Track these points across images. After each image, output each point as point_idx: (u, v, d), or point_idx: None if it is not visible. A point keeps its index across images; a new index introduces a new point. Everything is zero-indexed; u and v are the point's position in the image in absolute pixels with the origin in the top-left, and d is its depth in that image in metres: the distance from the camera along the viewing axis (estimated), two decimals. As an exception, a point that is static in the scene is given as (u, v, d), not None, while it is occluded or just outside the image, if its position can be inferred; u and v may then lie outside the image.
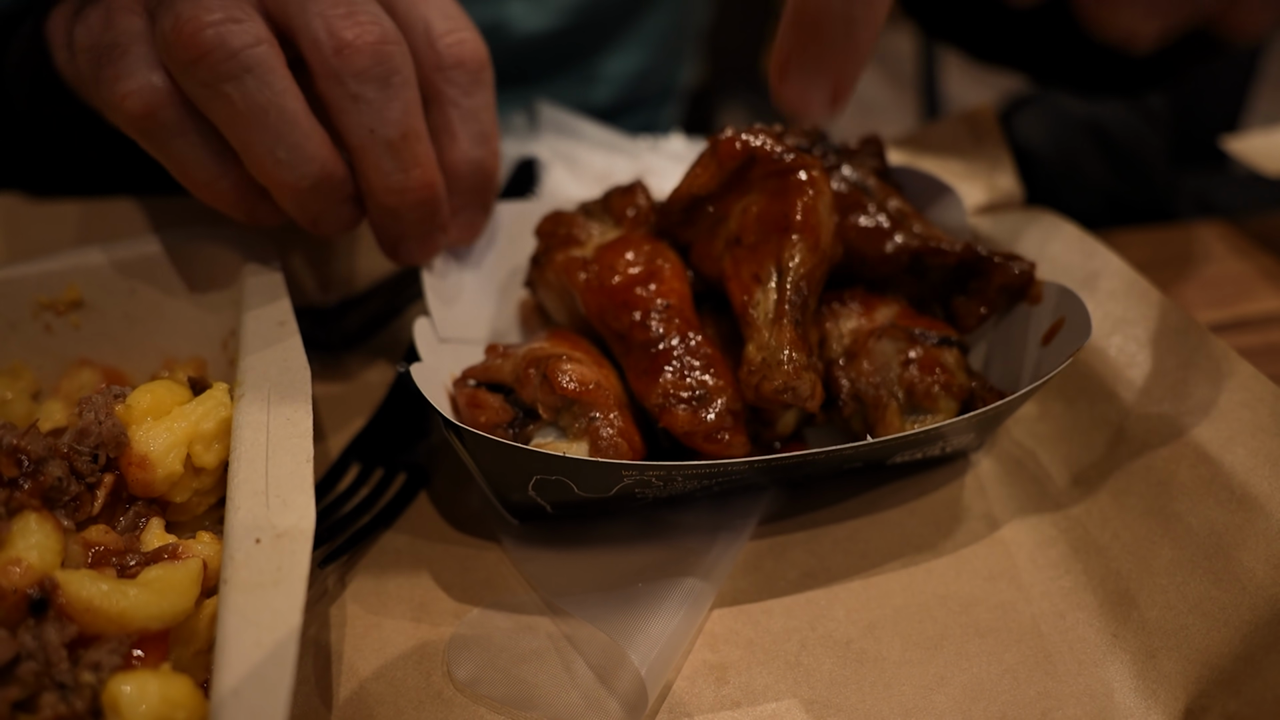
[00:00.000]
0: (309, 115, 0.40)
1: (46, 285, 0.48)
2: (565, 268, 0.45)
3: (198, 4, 0.39)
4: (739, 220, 0.44)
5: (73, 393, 0.47)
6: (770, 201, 0.42)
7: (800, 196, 0.41)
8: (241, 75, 0.38)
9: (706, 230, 0.46)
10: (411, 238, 0.46)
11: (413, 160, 0.42)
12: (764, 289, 0.42)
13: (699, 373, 0.41)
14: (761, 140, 0.43)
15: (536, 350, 0.41)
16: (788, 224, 0.41)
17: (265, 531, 0.32)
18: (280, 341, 0.42)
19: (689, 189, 0.46)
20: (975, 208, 0.62)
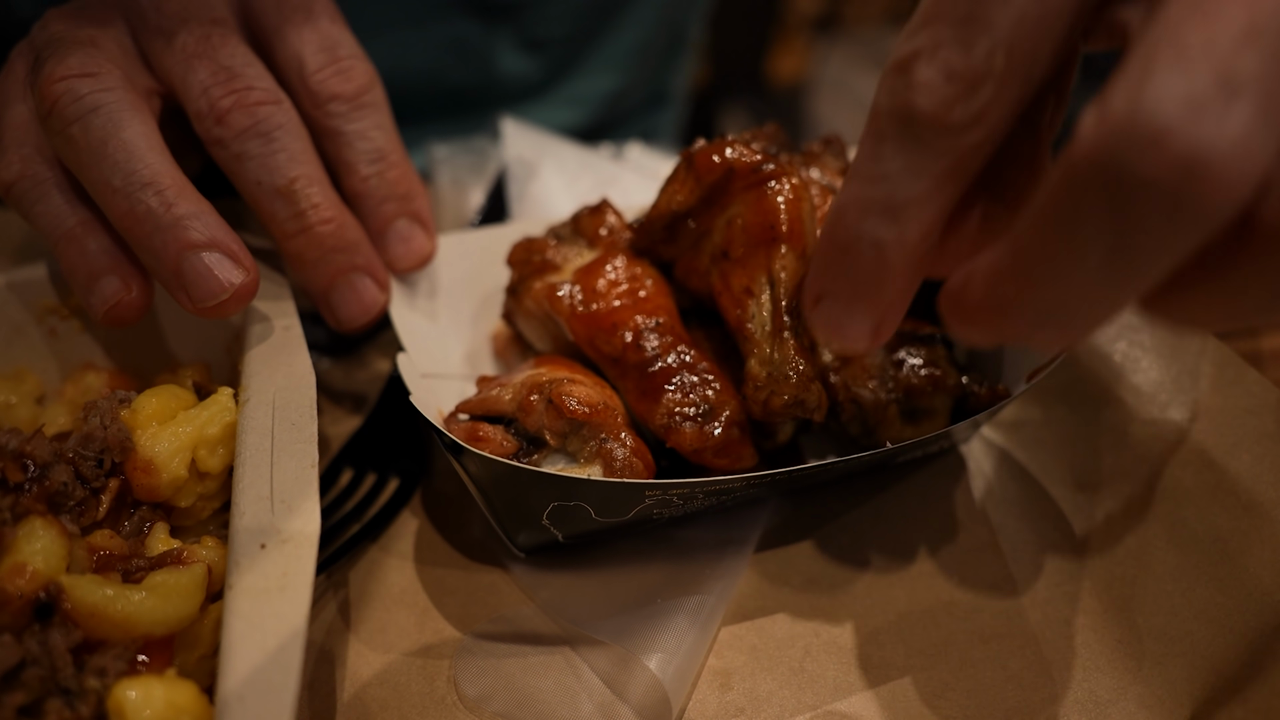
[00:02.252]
0: (156, 149, 0.39)
1: (51, 289, 0.48)
2: (546, 295, 0.45)
3: (60, 61, 0.40)
4: (723, 234, 0.43)
5: (77, 397, 0.47)
6: (754, 213, 0.42)
7: (784, 206, 0.41)
8: (86, 115, 0.39)
9: (690, 246, 0.46)
10: (335, 288, 0.45)
11: (306, 203, 0.42)
12: (757, 302, 0.42)
13: (700, 388, 0.41)
14: (738, 152, 0.42)
15: (537, 376, 0.41)
16: (775, 235, 0.41)
17: (270, 536, 0.32)
18: (285, 346, 0.42)
19: (668, 206, 0.45)
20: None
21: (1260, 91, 0.19)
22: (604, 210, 0.50)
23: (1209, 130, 0.19)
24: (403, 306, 0.48)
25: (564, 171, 0.63)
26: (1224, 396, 0.43)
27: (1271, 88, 0.19)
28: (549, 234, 0.51)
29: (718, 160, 0.43)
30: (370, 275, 0.46)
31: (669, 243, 0.47)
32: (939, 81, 0.24)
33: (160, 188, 0.38)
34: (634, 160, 0.68)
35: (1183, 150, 0.19)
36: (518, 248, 0.50)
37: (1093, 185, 0.20)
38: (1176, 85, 0.19)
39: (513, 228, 0.56)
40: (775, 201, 0.41)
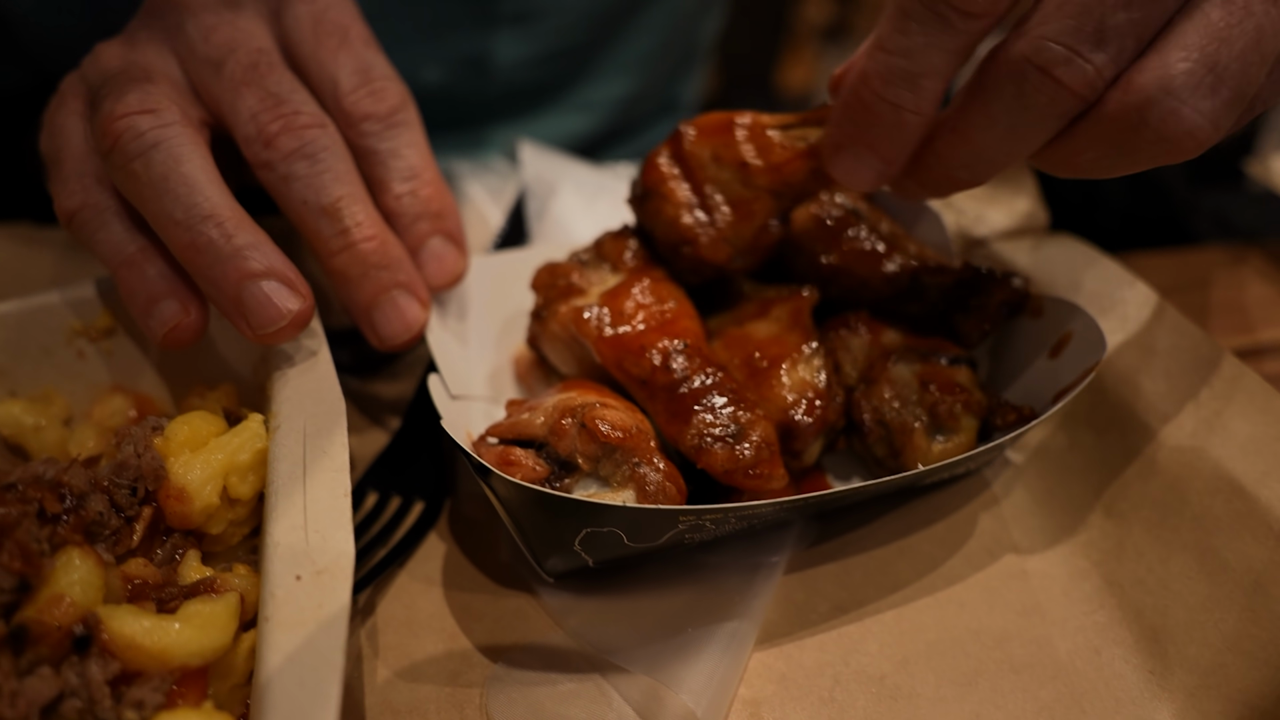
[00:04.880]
0: (215, 183, 0.41)
1: (79, 311, 0.48)
2: (573, 319, 0.45)
3: (119, 98, 0.41)
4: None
5: (104, 419, 0.48)
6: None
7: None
8: (148, 151, 0.40)
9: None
10: (378, 305, 0.45)
11: (350, 220, 0.44)
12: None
13: (730, 409, 0.41)
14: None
15: (568, 400, 0.41)
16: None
17: (305, 568, 0.32)
18: (314, 371, 0.42)
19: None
20: (999, 232, 0.62)
21: (1121, 39, 0.32)
22: (627, 234, 0.50)
23: (1078, 66, 0.32)
24: (436, 327, 0.49)
25: (582, 193, 0.63)
26: (1253, 424, 0.43)
27: (1133, 33, 0.32)
28: (572, 258, 0.51)
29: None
30: (412, 293, 0.46)
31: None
32: None
33: (220, 220, 0.40)
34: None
35: (1061, 75, 0.32)
36: (542, 272, 0.50)
37: (1008, 80, 0.33)
38: (1063, 31, 0.32)
39: (534, 251, 0.56)
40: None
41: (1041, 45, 0.32)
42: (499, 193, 0.66)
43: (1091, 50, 0.32)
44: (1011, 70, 0.33)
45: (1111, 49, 0.32)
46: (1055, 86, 0.32)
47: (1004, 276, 0.48)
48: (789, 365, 0.45)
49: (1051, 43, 0.32)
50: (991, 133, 0.34)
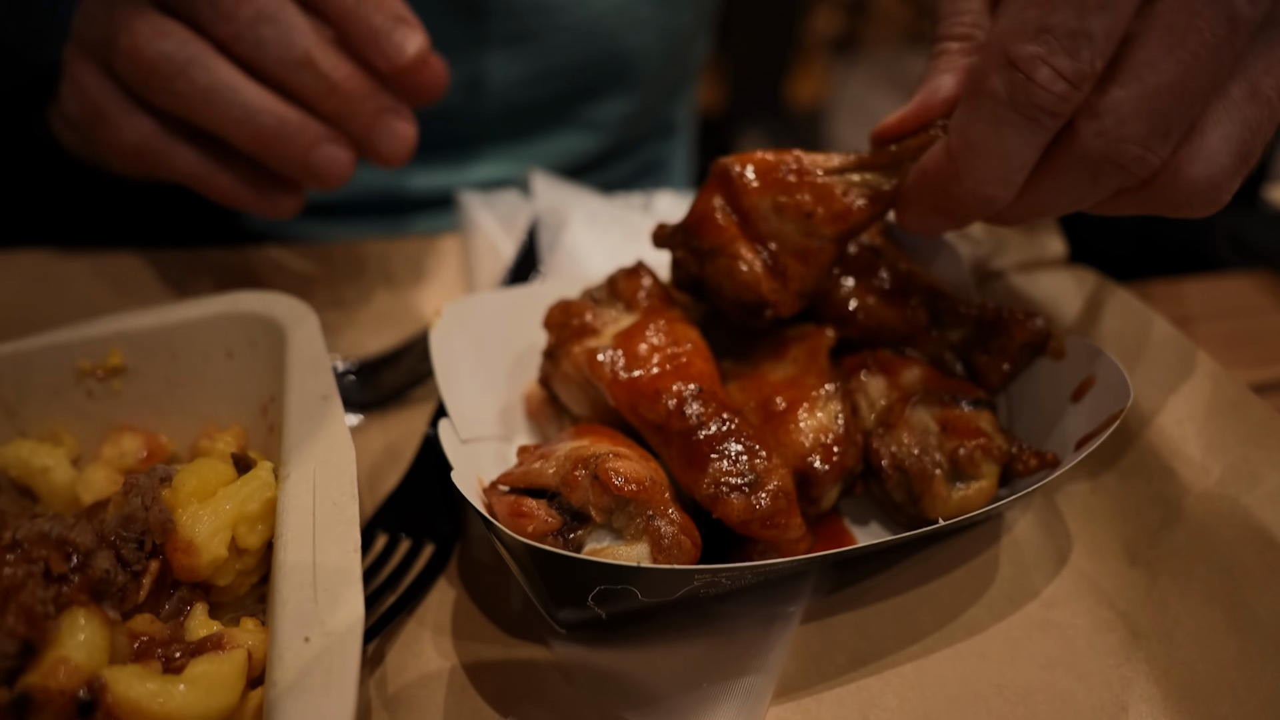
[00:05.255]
0: (249, 81, 0.49)
1: (89, 351, 0.48)
2: (586, 361, 0.45)
3: (131, 33, 0.48)
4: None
5: (113, 459, 0.47)
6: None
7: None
8: (185, 69, 0.48)
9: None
10: (374, 132, 0.51)
11: (327, 65, 0.49)
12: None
13: (746, 457, 0.40)
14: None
15: (581, 450, 0.40)
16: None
17: (314, 629, 0.32)
18: (324, 418, 0.41)
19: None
20: (1016, 264, 0.61)
21: (1180, 132, 0.36)
22: (640, 272, 0.50)
23: (1149, 161, 0.36)
24: (446, 363, 0.48)
25: (594, 225, 0.62)
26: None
27: (1188, 124, 0.36)
28: (585, 296, 0.50)
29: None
30: (398, 115, 0.52)
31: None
32: (1056, 80, 0.35)
33: (270, 109, 0.49)
34: (663, 211, 0.68)
35: (1133, 168, 0.37)
36: (555, 310, 0.49)
37: (1085, 167, 0.37)
38: (1140, 134, 0.36)
39: (546, 286, 0.55)
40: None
41: (1122, 148, 0.36)
42: (510, 222, 0.66)
43: (1160, 146, 0.36)
44: (1091, 161, 0.37)
45: (1172, 140, 0.36)
46: (1126, 175, 0.37)
47: (1026, 317, 0.47)
48: (806, 409, 0.44)
49: (1131, 145, 0.36)
50: (1057, 199, 0.39)
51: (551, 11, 0.77)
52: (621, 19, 0.81)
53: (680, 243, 0.47)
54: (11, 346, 0.47)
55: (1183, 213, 0.39)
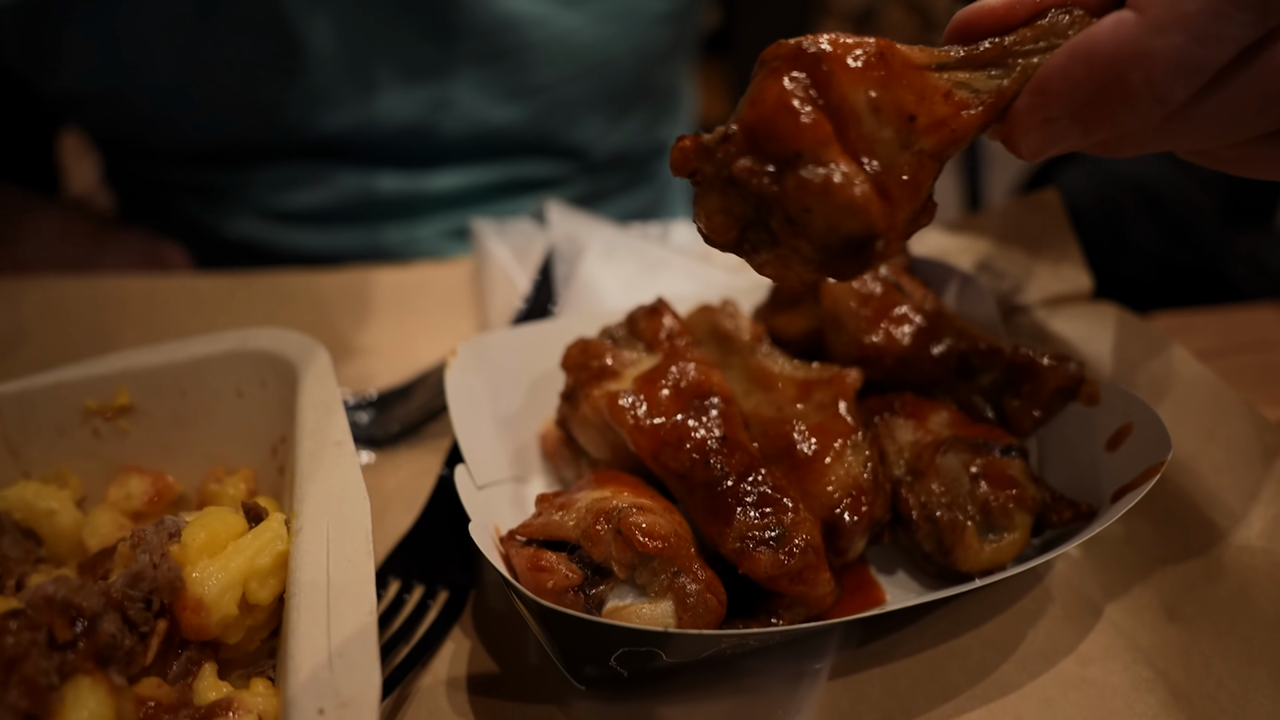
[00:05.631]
0: None
1: (96, 390, 0.46)
2: (607, 405, 0.43)
3: None
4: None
5: (120, 501, 0.46)
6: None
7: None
8: None
9: None
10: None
11: None
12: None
13: (773, 510, 0.39)
14: None
15: (602, 502, 0.39)
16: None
17: (328, 699, 0.30)
18: (338, 466, 0.40)
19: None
20: (1042, 300, 0.60)
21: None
22: (661, 312, 0.49)
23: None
24: (462, 406, 0.47)
25: (611, 257, 0.61)
26: (1327, 524, 0.41)
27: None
28: (604, 335, 0.49)
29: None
30: None
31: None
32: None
33: None
34: (680, 242, 0.67)
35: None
36: (573, 350, 0.48)
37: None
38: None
39: (561, 323, 0.54)
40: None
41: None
42: (525, 252, 0.64)
43: None
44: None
45: None
46: None
47: (1058, 362, 0.46)
48: (833, 457, 0.43)
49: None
50: (1218, 126, 0.32)
51: (521, 29, 0.77)
52: (591, 36, 0.81)
53: (735, 154, 0.32)
54: (17, 385, 0.46)
55: None
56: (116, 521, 0.44)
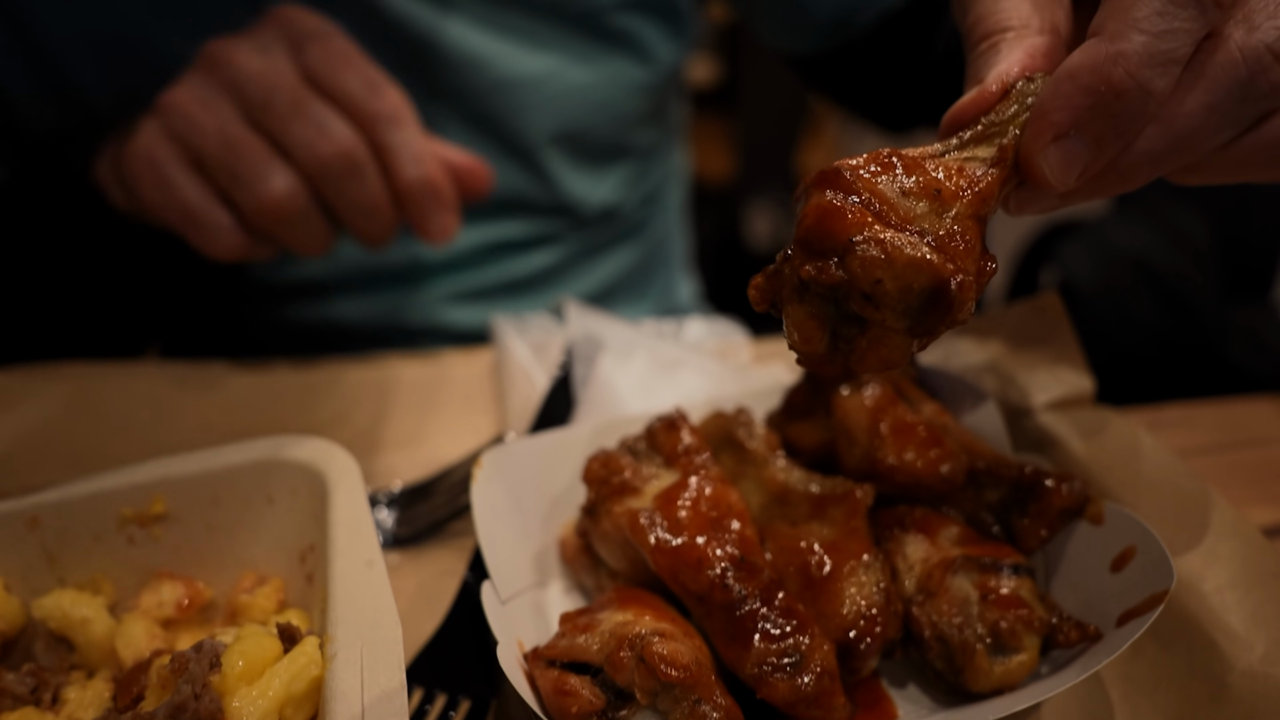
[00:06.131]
0: (328, 224, 0.61)
1: (132, 498, 0.48)
2: (628, 523, 0.45)
3: (265, 182, 0.57)
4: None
5: (152, 608, 0.47)
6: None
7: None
8: (302, 220, 0.60)
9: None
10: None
11: (388, 220, 0.61)
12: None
13: (790, 635, 0.41)
14: None
15: (625, 627, 0.40)
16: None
17: (365, 841, 0.31)
18: (370, 587, 0.41)
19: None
20: (1046, 404, 0.61)
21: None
22: (679, 426, 0.50)
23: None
24: (487, 518, 0.48)
25: (628, 357, 0.63)
26: (1328, 651, 0.42)
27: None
28: (623, 448, 0.51)
29: None
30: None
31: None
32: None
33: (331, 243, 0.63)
34: (695, 337, 0.69)
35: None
36: (594, 464, 0.50)
37: (1241, 66, 0.36)
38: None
39: (582, 431, 0.56)
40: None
41: (1272, 47, 0.35)
42: (543, 349, 0.66)
43: None
44: (1248, 56, 0.35)
45: None
46: (1275, 77, 0.35)
47: (1063, 481, 0.47)
48: (846, 578, 0.44)
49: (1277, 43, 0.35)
50: (1203, 121, 0.36)
51: (513, 91, 0.81)
52: (580, 99, 0.85)
53: (800, 264, 0.36)
54: (57, 494, 0.47)
55: None
56: (149, 631, 0.46)
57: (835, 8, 0.88)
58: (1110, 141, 0.37)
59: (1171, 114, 0.36)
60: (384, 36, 0.78)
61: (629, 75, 0.87)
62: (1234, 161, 0.39)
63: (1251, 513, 0.64)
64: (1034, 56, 0.40)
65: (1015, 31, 0.41)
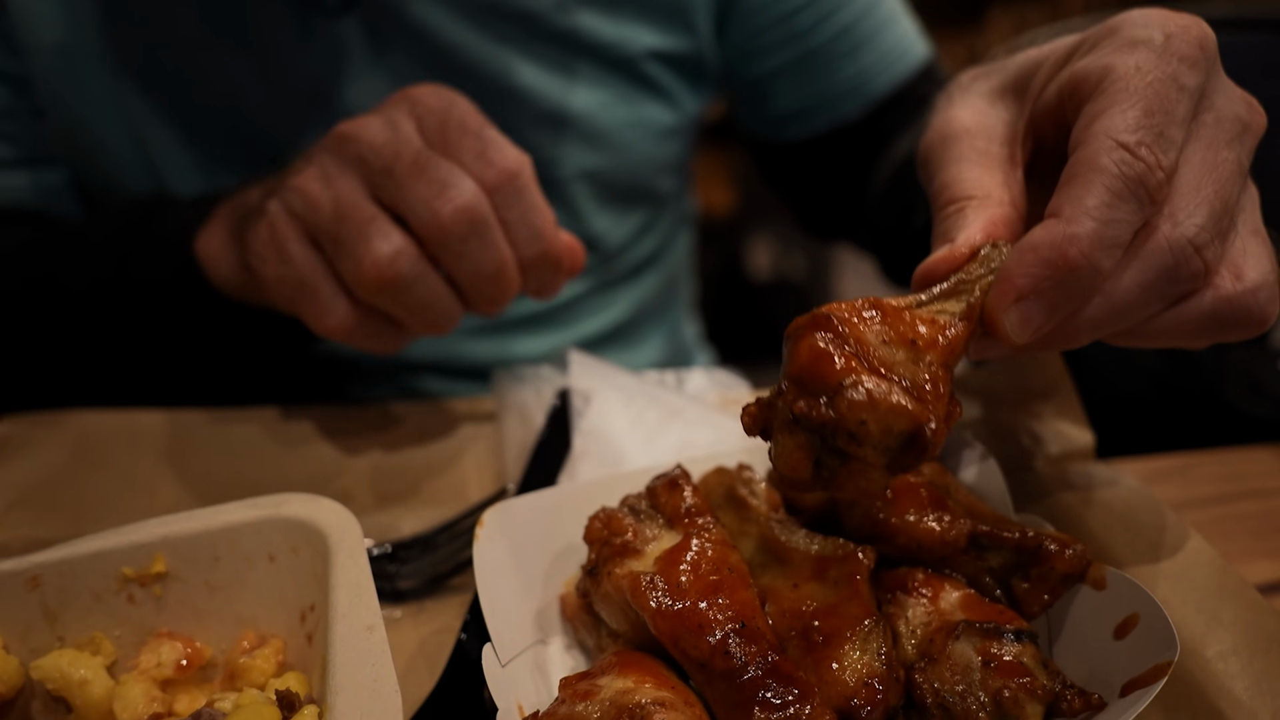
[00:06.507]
0: (450, 291, 0.58)
1: (133, 558, 0.48)
2: (629, 586, 0.45)
3: (372, 250, 0.55)
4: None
5: (151, 669, 0.47)
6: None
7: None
8: (412, 286, 0.56)
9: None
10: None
11: (508, 282, 0.59)
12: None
13: (791, 704, 0.40)
14: None
15: (624, 696, 0.40)
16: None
17: None
18: (369, 654, 0.41)
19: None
20: (1047, 459, 0.62)
21: (1231, 231, 0.45)
22: (681, 486, 0.50)
23: (1215, 249, 0.44)
24: (489, 578, 0.48)
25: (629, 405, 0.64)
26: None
27: (1233, 227, 0.45)
28: (625, 507, 0.51)
29: None
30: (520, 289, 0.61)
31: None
32: (1157, 167, 0.41)
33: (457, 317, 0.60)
34: (696, 387, 0.69)
35: (1206, 255, 0.43)
36: (595, 524, 0.50)
37: (1168, 254, 0.43)
38: (1205, 224, 0.43)
39: (583, 487, 0.56)
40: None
41: (1194, 237, 0.42)
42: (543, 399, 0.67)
43: (1218, 243, 0.43)
44: (1170, 250, 0.42)
45: (1225, 240, 0.43)
46: (1196, 264, 0.42)
47: (1065, 546, 0.47)
48: (848, 643, 0.44)
49: (1201, 233, 0.42)
50: (1138, 296, 0.43)
51: (554, 126, 0.84)
52: (615, 139, 0.89)
53: (792, 400, 0.41)
54: (59, 553, 0.47)
55: (1241, 321, 0.44)
56: (148, 693, 0.46)
57: (796, 104, 0.97)
58: (1062, 307, 0.43)
59: (1111, 288, 0.43)
60: (433, 61, 0.81)
61: (659, 120, 0.91)
62: (1159, 330, 0.44)
63: (1254, 566, 0.64)
64: (996, 225, 0.46)
65: (979, 200, 0.47)
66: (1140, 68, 0.43)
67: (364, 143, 0.57)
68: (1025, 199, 0.49)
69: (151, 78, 0.79)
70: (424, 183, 0.55)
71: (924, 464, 0.42)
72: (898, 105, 0.95)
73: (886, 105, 0.95)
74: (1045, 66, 0.49)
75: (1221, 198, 0.43)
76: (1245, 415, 1.08)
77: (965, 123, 0.50)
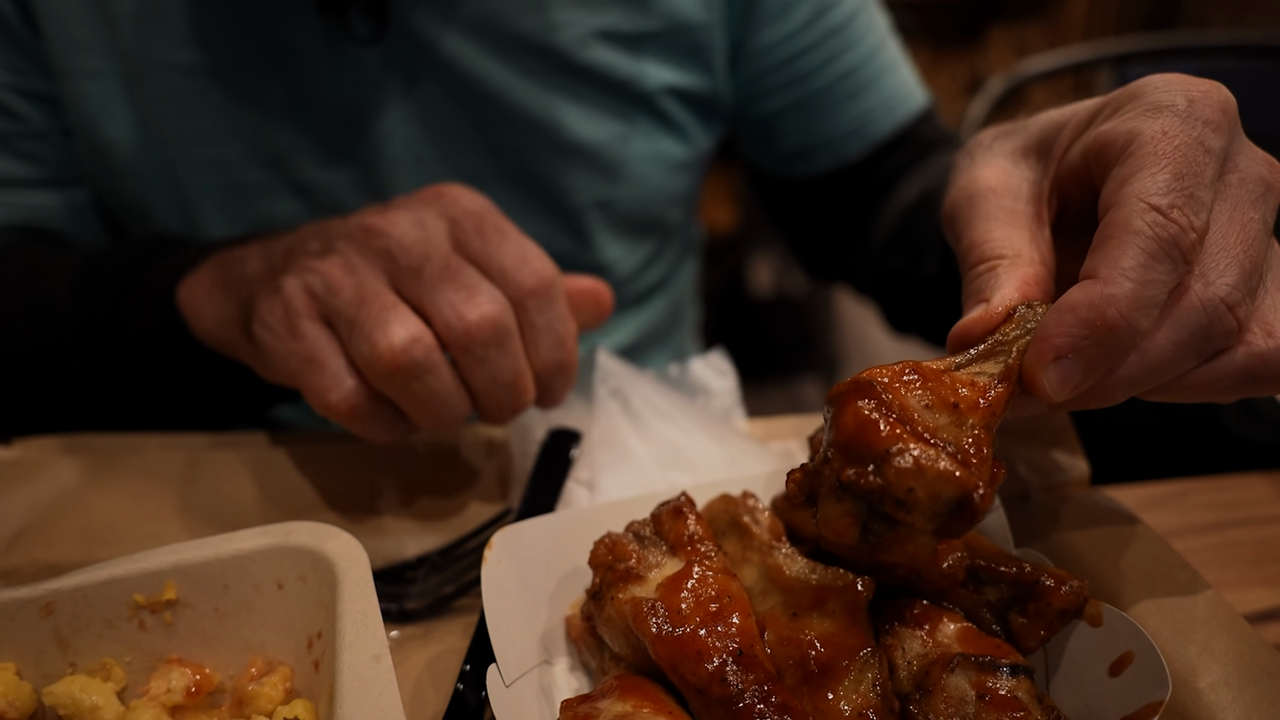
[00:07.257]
0: (458, 385, 0.57)
1: (145, 585, 0.49)
2: (631, 612, 0.46)
3: (386, 329, 0.54)
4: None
5: (161, 695, 0.48)
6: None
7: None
8: (423, 375, 0.55)
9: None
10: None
11: (524, 392, 0.59)
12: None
13: (788, 734, 0.41)
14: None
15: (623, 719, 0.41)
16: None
17: None
18: (375, 683, 0.42)
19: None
20: (1041, 489, 0.62)
21: (1260, 287, 0.45)
22: (685, 514, 0.51)
23: (1246, 307, 0.44)
24: (496, 602, 0.49)
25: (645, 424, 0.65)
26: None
27: (1262, 283, 0.46)
28: (629, 533, 0.52)
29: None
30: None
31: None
32: (1190, 228, 0.42)
33: (462, 415, 0.59)
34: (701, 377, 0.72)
35: (1239, 313, 0.44)
36: (600, 549, 0.51)
37: (1202, 313, 0.43)
38: (1237, 281, 0.44)
39: (590, 511, 0.57)
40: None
41: (1227, 296, 0.43)
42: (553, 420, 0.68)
43: (1249, 300, 0.44)
44: (1202, 309, 0.43)
45: (1255, 298, 0.44)
46: (1228, 321, 0.43)
47: (1062, 582, 0.48)
48: (844, 674, 0.45)
49: (1233, 290, 0.43)
50: (1172, 354, 0.43)
51: (572, 156, 0.85)
52: (630, 170, 0.90)
53: (839, 468, 0.41)
54: (73, 580, 0.48)
55: (1274, 376, 0.44)
56: (158, 719, 0.46)
57: (799, 143, 0.99)
58: (1100, 365, 0.43)
59: (1147, 347, 0.43)
60: (460, 92, 0.82)
61: (673, 154, 0.93)
62: (1193, 386, 0.45)
63: (1249, 595, 0.64)
64: (1029, 284, 0.47)
65: (1010, 260, 0.48)
66: (1167, 132, 0.43)
67: (393, 239, 0.56)
68: (1054, 257, 0.49)
69: (183, 101, 0.80)
70: (453, 288, 0.55)
71: (974, 525, 0.42)
72: (898, 149, 0.98)
73: (887, 148, 0.97)
74: (1069, 128, 0.50)
75: (1250, 256, 0.43)
76: (1242, 440, 1.09)
77: (991, 182, 0.51)
